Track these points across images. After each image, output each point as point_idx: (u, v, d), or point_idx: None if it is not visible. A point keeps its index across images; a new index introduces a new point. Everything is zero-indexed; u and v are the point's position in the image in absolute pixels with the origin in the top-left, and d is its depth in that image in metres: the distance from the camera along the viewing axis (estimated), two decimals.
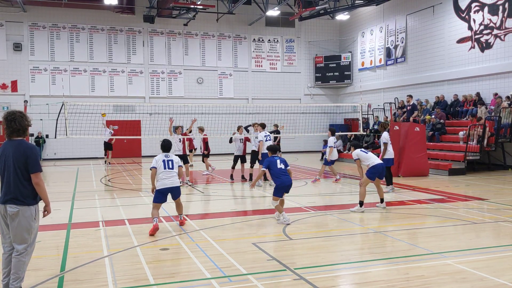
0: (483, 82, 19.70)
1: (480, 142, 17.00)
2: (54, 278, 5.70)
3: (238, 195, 13.02)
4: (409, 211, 9.88)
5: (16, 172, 4.84)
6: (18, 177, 4.84)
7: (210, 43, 28.78)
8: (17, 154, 4.84)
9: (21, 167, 4.84)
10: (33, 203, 4.94)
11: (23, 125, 4.92)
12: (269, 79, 29.79)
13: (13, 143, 4.91)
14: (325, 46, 30.75)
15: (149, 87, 27.67)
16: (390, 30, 25.48)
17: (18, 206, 4.83)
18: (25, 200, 4.85)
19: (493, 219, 8.89)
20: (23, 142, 4.95)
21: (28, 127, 5.01)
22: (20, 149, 4.85)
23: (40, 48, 25.89)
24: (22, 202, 4.83)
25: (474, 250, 6.74)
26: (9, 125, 4.90)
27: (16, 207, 4.82)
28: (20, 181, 4.85)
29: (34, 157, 4.89)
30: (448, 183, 14.38)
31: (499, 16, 18.80)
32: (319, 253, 6.69)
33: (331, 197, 12.26)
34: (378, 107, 25.29)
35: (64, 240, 7.59)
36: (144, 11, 26.40)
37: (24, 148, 4.87)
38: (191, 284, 5.48)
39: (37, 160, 4.91)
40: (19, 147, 4.87)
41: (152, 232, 7.80)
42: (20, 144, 4.90)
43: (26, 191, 4.87)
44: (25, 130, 4.96)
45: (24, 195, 4.85)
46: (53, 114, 20.57)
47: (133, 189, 14.00)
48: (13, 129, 4.91)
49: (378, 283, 5.38)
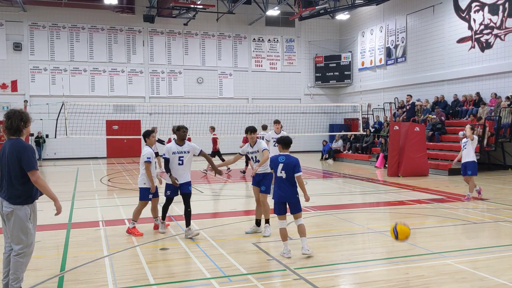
0: (483, 82, 19.70)
1: (480, 142, 16.99)
2: (54, 278, 5.70)
3: (238, 194, 13.02)
4: (409, 211, 9.87)
5: (9, 172, 4.82)
6: (11, 177, 4.82)
7: (210, 43, 28.78)
8: (11, 154, 4.81)
9: (15, 167, 4.80)
10: (27, 202, 4.86)
11: (14, 125, 4.83)
12: (269, 79, 29.79)
13: (9, 142, 4.90)
14: (325, 46, 30.74)
15: (149, 87, 27.66)
16: (390, 30, 25.48)
17: (12, 205, 4.80)
18: (17, 200, 4.81)
19: (493, 219, 8.89)
20: (18, 141, 4.88)
21: (24, 127, 4.90)
22: (13, 149, 4.82)
23: (40, 48, 25.88)
24: (16, 202, 4.81)
25: (474, 250, 6.74)
26: (5, 123, 4.90)
27: (11, 206, 4.80)
28: (12, 182, 4.81)
29: (27, 155, 4.78)
30: (448, 183, 14.38)
31: (499, 16, 18.80)
32: (319, 253, 6.69)
33: (331, 197, 12.25)
34: (378, 107, 25.29)
35: (64, 240, 7.59)
36: (144, 11, 26.39)
37: (17, 147, 4.81)
38: (191, 284, 5.48)
39: (30, 158, 4.80)
40: (13, 146, 4.84)
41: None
42: (14, 143, 4.86)
43: (18, 191, 4.81)
44: (18, 130, 4.86)
45: (16, 195, 4.81)
46: (53, 114, 20.61)
47: (133, 189, 13.99)
48: (7, 128, 4.88)
49: (378, 283, 5.37)
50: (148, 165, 7.89)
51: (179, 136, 7.71)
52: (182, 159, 7.64)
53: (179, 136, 7.71)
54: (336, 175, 17.30)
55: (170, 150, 7.65)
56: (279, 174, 6.49)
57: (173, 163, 7.65)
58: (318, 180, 16.27)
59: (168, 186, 7.80)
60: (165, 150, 7.70)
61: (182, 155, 7.65)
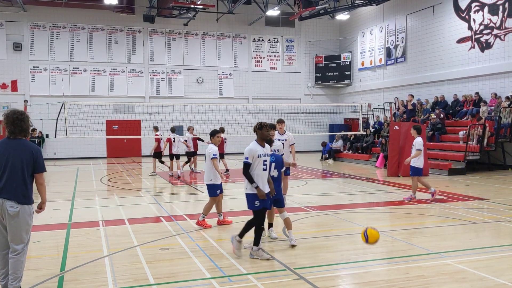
0: (483, 82, 19.70)
1: (480, 142, 17.00)
2: (54, 278, 5.70)
3: (238, 194, 13.01)
4: (409, 211, 9.87)
5: (23, 172, 4.88)
6: (24, 177, 4.89)
7: (210, 43, 28.78)
8: (25, 154, 4.90)
9: (29, 167, 4.91)
10: (32, 202, 5.02)
11: (25, 126, 5.01)
12: (269, 79, 29.79)
13: (16, 142, 4.92)
14: (325, 46, 30.75)
15: (149, 87, 27.66)
16: (390, 30, 25.48)
17: (19, 205, 4.85)
18: (26, 199, 4.90)
19: (493, 219, 8.89)
20: (28, 142, 5.02)
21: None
22: (27, 150, 4.92)
23: (40, 48, 25.89)
24: (23, 202, 4.86)
25: (474, 250, 6.74)
26: (18, 124, 4.93)
27: (18, 206, 4.84)
28: (25, 181, 4.91)
29: (41, 157, 5.04)
30: (448, 183, 14.38)
31: (499, 16, 18.80)
32: (319, 253, 6.69)
33: (331, 197, 12.25)
34: (378, 107, 25.29)
35: (64, 240, 7.58)
36: (144, 11, 26.39)
37: (31, 149, 4.95)
38: (191, 284, 5.48)
39: (43, 160, 5.07)
40: (26, 147, 4.93)
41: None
42: (26, 144, 4.96)
43: (28, 191, 4.94)
44: (28, 131, 5.07)
45: (26, 194, 4.90)
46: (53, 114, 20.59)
47: (133, 189, 14.00)
48: (22, 128, 4.97)
49: (378, 283, 5.38)
50: (215, 161, 8.20)
51: (263, 136, 6.42)
52: (266, 163, 6.50)
53: (263, 136, 6.42)
54: (336, 175, 17.30)
55: (255, 152, 6.31)
56: (272, 173, 6.76)
57: (256, 168, 6.38)
58: (318, 180, 16.27)
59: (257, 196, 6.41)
60: (248, 153, 6.32)
61: (265, 158, 6.48)
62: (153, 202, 11.41)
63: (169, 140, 17.11)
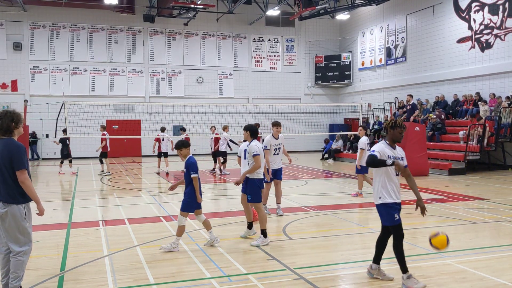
0: (483, 82, 19.70)
1: (480, 142, 17.00)
2: (54, 278, 5.70)
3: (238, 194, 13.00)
4: (409, 211, 9.87)
5: (2, 170, 4.81)
6: (4, 176, 4.81)
7: (210, 43, 28.78)
8: (4, 152, 4.82)
9: (7, 165, 4.80)
10: (22, 201, 4.85)
11: (4, 125, 4.86)
12: (269, 78, 29.79)
13: (1, 142, 4.90)
14: (325, 46, 30.74)
15: (149, 87, 27.66)
16: (390, 30, 25.48)
17: (6, 206, 4.78)
18: (12, 199, 4.79)
19: (493, 219, 8.89)
20: (10, 141, 4.89)
21: (15, 128, 4.91)
22: (6, 148, 4.83)
23: (40, 48, 25.89)
24: (10, 201, 4.78)
25: (474, 250, 6.74)
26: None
27: (4, 207, 4.78)
28: (6, 180, 4.80)
29: (18, 154, 4.80)
30: (448, 183, 14.38)
31: (499, 16, 18.79)
32: (319, 253, 6.69)
33: (331, 197, 12.25)
34: (378, 107, 25.29)
35: (64, 240, 7.58)
36: (144, 11, 26.39)
37: (10, 146, 4.83)
38: (191, 284, 5.47)
39: (21, 158, 4.82)
40: (6, 146, 4.84)
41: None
42: (7, 143, 4.86)
43: (13, 190, 4.80)
44: (8, 130, 4.88)
45: (10, 194, 4.79)
46: (53, 114, 20.61)
47: (133, 188, 14.00)
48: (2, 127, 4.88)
49: (378, 283, 5.37)
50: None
51: (396, 137, 5.64)
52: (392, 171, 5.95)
53: (396, 137, 5.64)
54: (336, 175, 17.30)
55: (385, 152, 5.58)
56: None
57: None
58: (318, 180, 16.27)
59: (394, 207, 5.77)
60: (379, 148, 5.58)
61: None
62: (153, 202, 11.41)
63: (158, 140, 17.85)
